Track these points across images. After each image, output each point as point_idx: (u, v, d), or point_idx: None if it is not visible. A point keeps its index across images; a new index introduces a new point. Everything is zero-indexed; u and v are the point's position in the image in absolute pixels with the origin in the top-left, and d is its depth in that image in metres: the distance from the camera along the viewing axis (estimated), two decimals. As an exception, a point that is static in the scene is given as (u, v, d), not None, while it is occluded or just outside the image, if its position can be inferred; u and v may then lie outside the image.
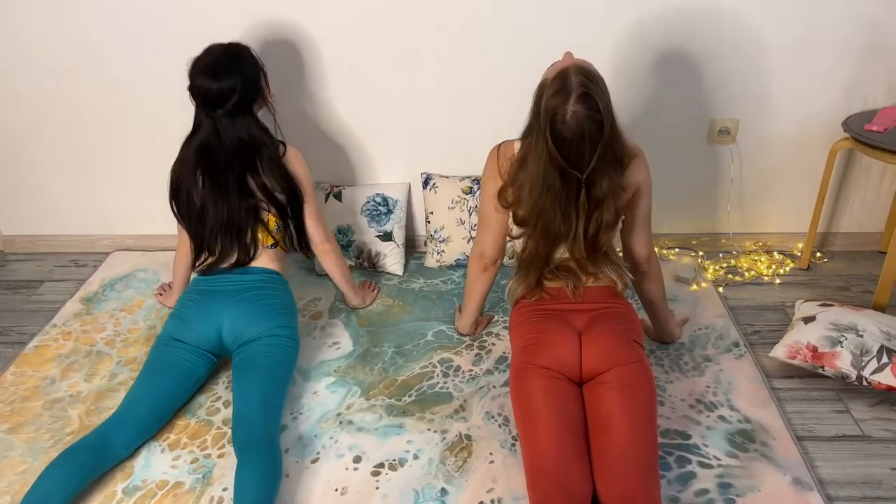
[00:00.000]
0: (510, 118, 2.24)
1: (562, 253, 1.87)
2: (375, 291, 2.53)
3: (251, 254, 2.08)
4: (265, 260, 2.11)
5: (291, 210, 2.11)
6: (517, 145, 1.87)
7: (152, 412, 1.88)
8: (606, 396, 1.67)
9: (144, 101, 2.58)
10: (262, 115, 2.08)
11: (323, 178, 2.69)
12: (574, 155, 1.68)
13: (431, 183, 2.62)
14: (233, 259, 2.07)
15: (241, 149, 1.99)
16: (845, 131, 2.31)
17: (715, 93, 2.47)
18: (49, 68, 2.54)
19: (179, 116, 2.55)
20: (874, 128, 2.24)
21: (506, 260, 2.46)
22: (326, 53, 2.47)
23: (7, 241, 2.92)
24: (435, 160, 2.66)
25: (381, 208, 2.64)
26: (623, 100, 2.47)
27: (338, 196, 2.64)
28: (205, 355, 2.01)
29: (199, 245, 2.08)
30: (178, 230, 2.19)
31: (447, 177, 2.63)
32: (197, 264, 2.11)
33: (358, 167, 2.69)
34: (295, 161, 2.11)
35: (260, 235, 2.08)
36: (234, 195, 2.01)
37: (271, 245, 2.12)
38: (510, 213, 1.88)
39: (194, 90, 1.96)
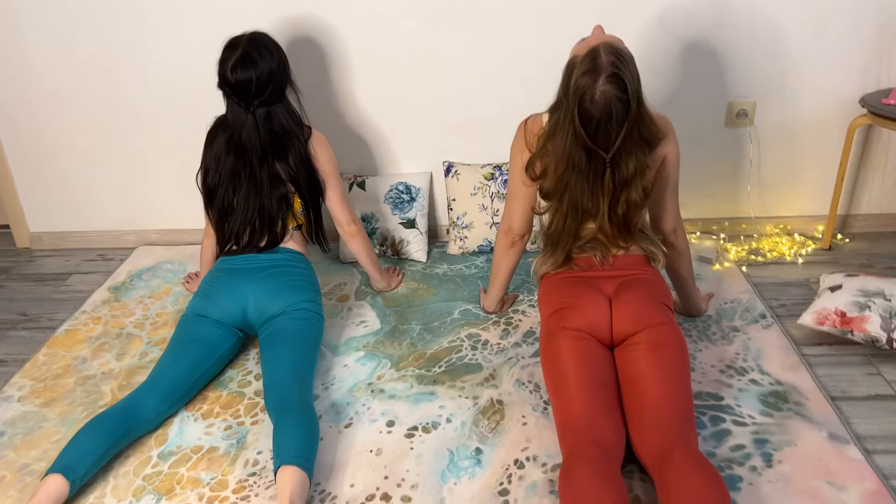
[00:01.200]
0: (531, 105, 2.31)
1: (590, 228, 1.89)
2: (400, 276, 2.55)
3: (280, 239, 2.12)
4: (289, 241, 2.14)
5: (311, 198, 2.14)
6: (545, 118, 1.90)
7: (178, 381, 1.88)
8: (638, 357, 1.68)
9: (170, 101, 2.65)
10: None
11: (346, 168, 2.74)
12: (601, 134, 1.70)
13: (453, 170, 2.66)
14: (262, 244, 2.11)
15: (274, 140, 2.05)
16: (863, 107, 2.35)
17: (732, 76, 2.52)
18: (77, 69, 2.61)
19: (204, 115, 2.61)
20: (892, 102, 2.28)
21: (529, 245, 2.50)
22: (349, 48, 2.54)
23: (35, 238, 2.96)
24: (456, 149, 2.70)
25: (403, 196, 2.67)
26: (644, 82, 2.51)
27: (361, 185, 2.68)
28: (230, 330, 2.03)
29: (228, 235, 2.10)
30: (205, 219, 2.22)
31: (469, 164, 2.67)
32: (224, 250, 2.14)
33: (380, 157, 2.74)
34: (319, 146, 2.15)
35: (289, 222, 2.13)
36: (267, 186, 2.06)
37: (296, 227, 2.15)
38: (538, 186, 1.91)
39: (231, 86, 1.99)
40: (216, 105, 2.66)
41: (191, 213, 2.86)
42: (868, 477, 1.60)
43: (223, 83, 2.01)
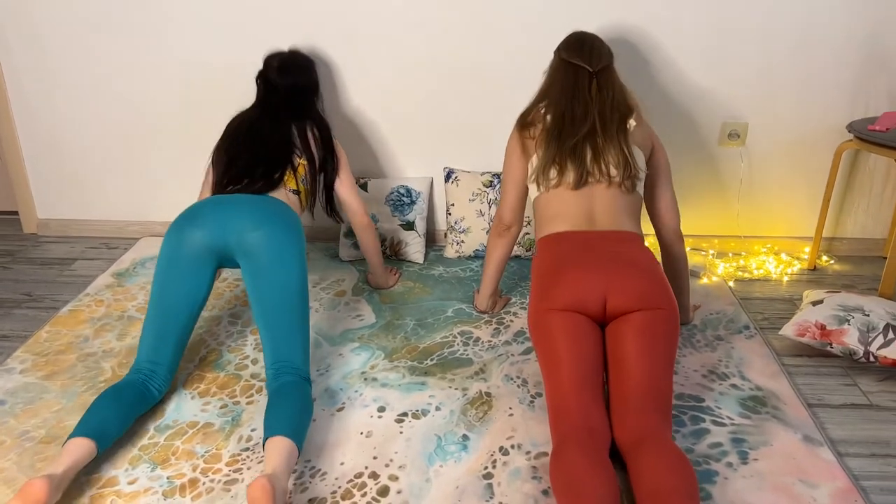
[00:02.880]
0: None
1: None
2: (397, 276, 2.62)
3: (274, 186, 2.10)
4: (283, 196, 2.13)
5: (322, 169, 2.27)
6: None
7: (168, 333, 1.88)
8: (628, 339, 1.71)
9: (182, 98, 2.74)
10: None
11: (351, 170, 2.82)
12: (586, 52, 2.05)
13: (453, 176, 2.75)
14: (257, 186, 2.10)
15: (296, 92, 2.26)
16: (850, 132, 2.44)
17: (726, 97, 2.62)
18: (94, 63, 2.71)
19: (213, 112, 2.71)
20: (877, 128, 2.37)
21: (524, 252, 2.59)
22: (355, 56, 2.63)
23: (42, 225, 3.03)
24: (457, 156, 2.79)
25: (404, 199, 2.75)
26: (640, 100, 2.62)
27: (364, 187, 2.77)
28: (205, 263, 1.92)
29: (225, 179, 2.11)
30: (203, 179, 2.32)
31: (468, 171, 2.75)
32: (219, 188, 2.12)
33: (383, 161, 2.82)
34: (337, 143, 2.33)
35: (286, 178, 2.14)
36: (276, 141, 2.18)
37: (293, 190, 2.16)
38: (533, 142, 2.08)
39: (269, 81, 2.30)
40: (226, 102, 2.76)
41: (196, 207, 2.94)
42: (839, 477, 1.66)
43: (265, 77, 2.30)
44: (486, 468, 1.69)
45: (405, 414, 1.88)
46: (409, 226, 2.74)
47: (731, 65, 2.56)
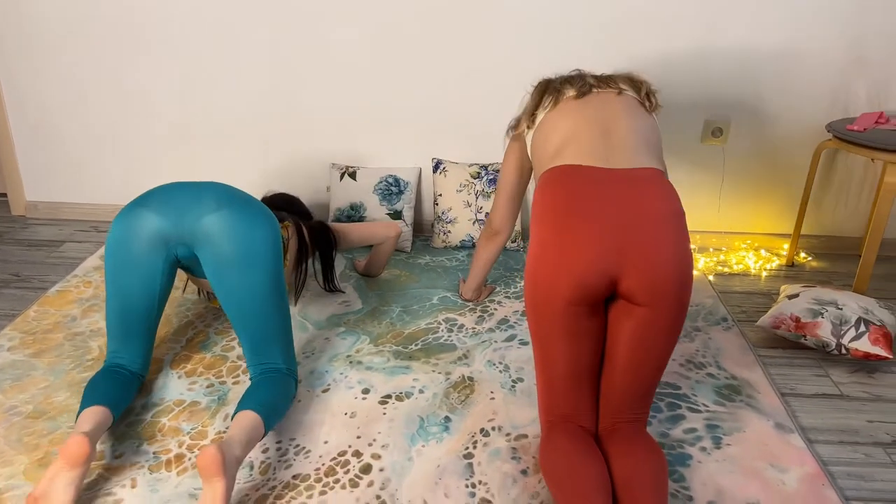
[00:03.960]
0: (518, 111, 2.41)
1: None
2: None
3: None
4: None
5: (320, 245, 2.24)
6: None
7: (132, 324, 1.81)
8: (628, 332, 1.58)
9: (173, 82, 2.76)
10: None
11: (340, 159, 2.85)
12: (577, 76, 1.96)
13: (441, 167, 2.78)
14: None
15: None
16: (829, 132, 2.50)
17: (709, 95, 2.67)
18: (87, 45, 2.72)
19: (206, 98, 2.73)
20: (855, 128, 2.43)
21: (510, 244, 2.62)
22: (347, 46, 2.66)
23: (31, 207, 3.04)
24: (445, 148, 2.82)
25: (392, 188, 2.79)
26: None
27: (353, 175, 2.80)
28: (157, 251, 1.75)
29: None
30: None
31: (456, 163, 2.79)
32: None
33: (373, 150, 2.85)
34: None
35: None
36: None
37: None
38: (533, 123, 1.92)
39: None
40: (219, 89, 2.79)
41: (185, 192, 2.96)
42: (808, 462, 1.71)
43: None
44: (466, 448, 1.73)
45: (389, 396, 1.92)
46: (397, 215, 2.78)
47: (715, 63, 2.62)
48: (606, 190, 1.58)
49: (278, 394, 1.74)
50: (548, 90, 1.92)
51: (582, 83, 1.87)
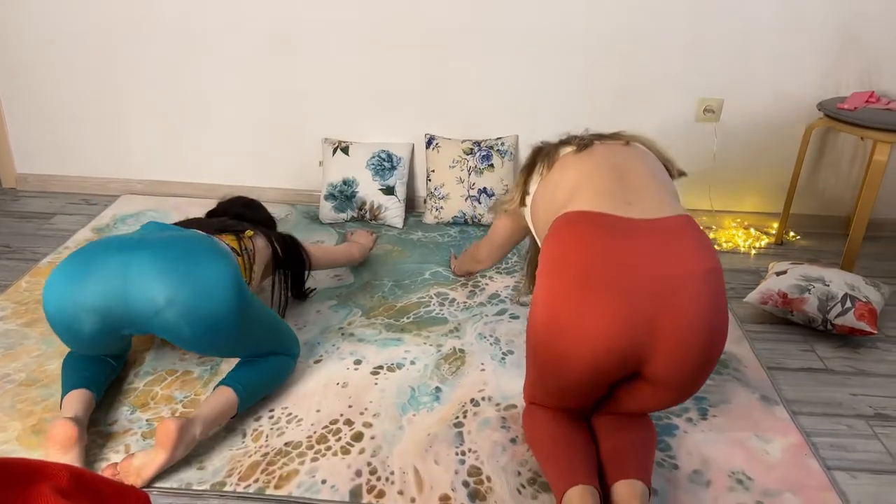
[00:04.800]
0: (516, 87, 2.42)
1: None
2: (374, 237, 2.64)
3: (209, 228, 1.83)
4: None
5: (292, 270, 2.12)
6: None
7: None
8: (639, 398, 1.50)
9: (165, 56, 2.74)
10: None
11: (333, 133, 2.85)
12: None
13: (434, 143, 2.79)
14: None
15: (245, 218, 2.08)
16: (819, 110, 2.52)
17: (703, 73, 2.67)
18: (77, 17, 2.69)
19: (198, 72, 2.71)
20: (846, 107, 2.45)
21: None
22: (340, 19, 2.65)
23: (21, 179, 3.02)
24: (439, 123, 2.82)
25: (385, 164, 2.79)
26: (619, 76, 2.67)
27: (345, 150, 2.80)
28: (106, 335, 1.61)
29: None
30: None
31: (449, 139, 2.80)
32: None
33: (366, 126, 2.85)
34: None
35: (224, 236, 1.84)
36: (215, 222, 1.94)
37: (231, 248, 1.80)
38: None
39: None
40: (210, 61, 2.77)
41: (177, 166, 2.96)
42: (792, 433, 1.75)
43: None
44: (457, 418, 1.75)
45: (380, 367, 1.94)
46: (390, 190, 2.78)
47: (709, 42, 2.62)
48: (632, 247, 1.36)
49: (267, 373, 1.75)
50: (539, 156, 1.74)
51: (580, 139, 1.70)
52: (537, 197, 1.69)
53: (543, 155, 1.74)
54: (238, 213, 2.13)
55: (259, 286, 2.03)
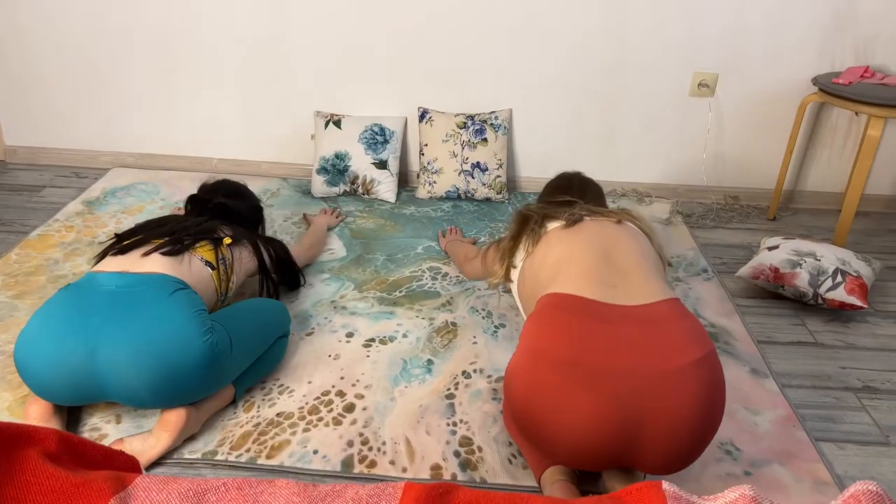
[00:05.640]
0: (510, 60, 2.39)
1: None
2: (340, 218, 2.60)
3: (175, 252, 1.66)
4: (184, 268, 1.65)
5: (273, 247, 2.01)
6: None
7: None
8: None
9: (157, 27, 2.70)
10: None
11: (325, 106, 2.82)
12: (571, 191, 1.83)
13: (427, 116, 2.77)
14: (154, 246, 1.67)
15: (228, 210, 1.96)
16: (814, 85, 2.51)
17: (698, 47, 2.65)
18: (69, -21, 2.66)
19: (190, 45, 2.67)
20: (840, 81, 2.44)
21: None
22: (337, -17, 2.62)
23: (10, 152, 2.99)
24: (432, 96, 2.80)
25: (378, 137, 2.77)
26: (614, 49, 2.65)
27: (337, 123, 2.77)
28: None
29: (119, 241, 1.73)
30: None
31: (443, 112, 2.78)
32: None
33: (358, 99, 2.82)
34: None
35: (199, 246, 1.73)
36: (193, 221, 1.82)
37: (206, 262, 1.72)
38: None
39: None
40: (201, 34, 2.73)
41: (168, 139, 2.94)
42: (780, 405, 1.76)
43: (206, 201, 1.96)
44: (448, 389, 1.76)
45: (373, 339, 1.94)
46: (382, 165, 2.77)
47: (704, 16, 2.59)
48: (614, 336, 1.32)
49: (263, 360, 1.74)
50: (525, 230, 1.68)
51: (570, 213, 1.64)
52: (524, 271, 1.63)
53: (529, 229, 1.67)
54: (221, 205, 1.96)
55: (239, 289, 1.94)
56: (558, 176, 1.97)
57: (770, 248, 2.29)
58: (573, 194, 1.78)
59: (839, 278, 2.11)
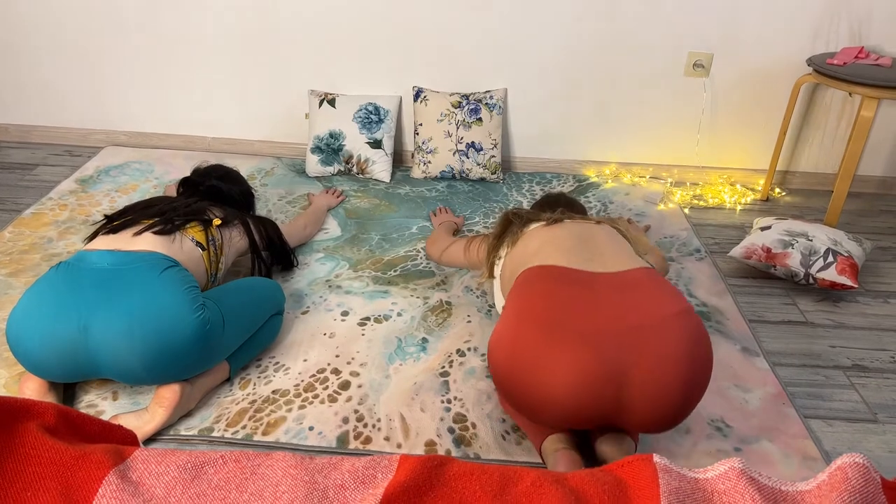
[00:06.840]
0: (505, 38, 2.36)
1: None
2: (340, 198, 2.61)
3: (166, 231, 1.68)
4: (175, 246, 1.67)
5: (265, 227, 2.01)
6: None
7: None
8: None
9: (151, 5, 2.68)
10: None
11: (319, 85, 2.81)
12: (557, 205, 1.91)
13: (422, 96, 2.76)
14: (144, 225, 1.69)
15: (220, 193, 2.00)
16: (809, 65, 2.51)
17: (694, 27, 2.65)
18: (59, -46, 2.62)
19: (176, 18, 2.64)
20: (835, 62, 2.44)
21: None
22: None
23: (2, 130, 2.97)
24: (427, 75, 2.79)
25: (372, 117, 2.76)
26: (608, 29, 2.64)
27: (332, 102, 2.76)
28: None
29: (111, 220, 1.75)
30: None
31: (437, 91, 2.77)
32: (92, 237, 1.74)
33: (353, 78, 2.81)
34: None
35: (189, 226, 1.75)
36: (182, 202, 1.84)
37: (197, 243, 1.73)
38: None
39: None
40: (193, 11, 2.71)
41: (161, 118, 2.92)
42: (770, 383, 1.79)
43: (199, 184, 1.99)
44: (443, 367, 1.77)
45: (368, 318, 1.95)
46: (377, 144, 2.76)
47: (700, -6, 2.59)
48: (595, 298, 1.38)
49: (258, 336, 1.75)
50: (509, 231, 1.75)
51: (550, 216, 1.72)
52: (506, 265, 1.68)
53: (511, 231, 1.75)
54: (213, 187, 1.99)
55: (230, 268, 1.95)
56: (545, 195, 2.10)
57: (762, 229, 2.31)
58: (559, 208, 1.86)
59: (830, 258, 2.13)
